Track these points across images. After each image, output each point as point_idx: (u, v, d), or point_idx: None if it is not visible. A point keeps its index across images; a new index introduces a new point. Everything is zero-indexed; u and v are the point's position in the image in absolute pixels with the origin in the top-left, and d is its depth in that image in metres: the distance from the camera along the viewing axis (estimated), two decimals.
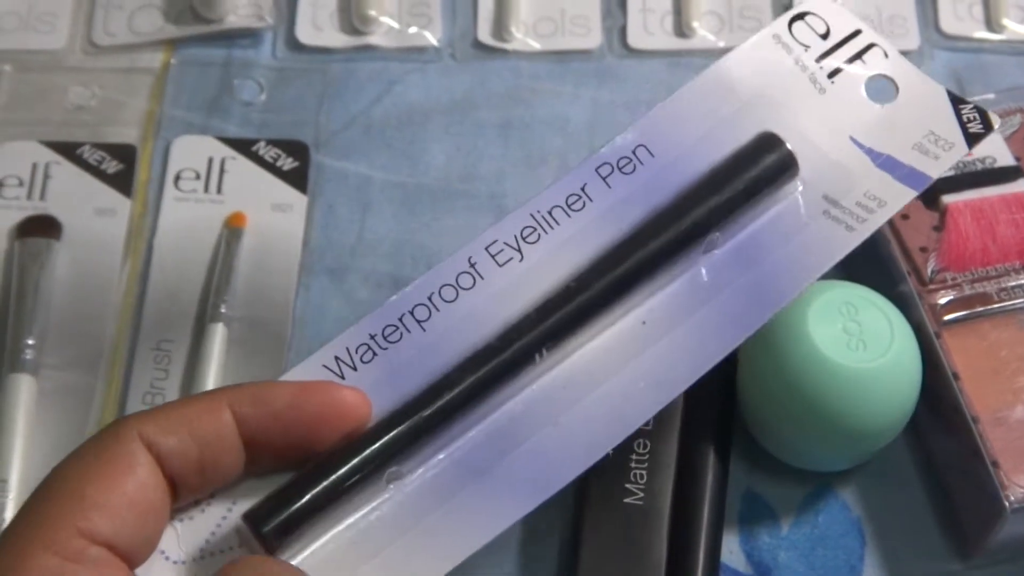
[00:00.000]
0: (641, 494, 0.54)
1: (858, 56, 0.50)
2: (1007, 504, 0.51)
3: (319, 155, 0.66)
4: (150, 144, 0.66)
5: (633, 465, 0.54)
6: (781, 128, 0.48)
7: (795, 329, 0.52)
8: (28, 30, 0.69)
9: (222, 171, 0.65)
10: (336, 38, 0.69)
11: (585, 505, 0.54)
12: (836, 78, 0.49)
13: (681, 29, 0.69)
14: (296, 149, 0.66)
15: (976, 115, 0.49)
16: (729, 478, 0.56)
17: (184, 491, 0.41)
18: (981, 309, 0.56)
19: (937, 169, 0.48)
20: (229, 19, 0.69)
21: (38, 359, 0.59)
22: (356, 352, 0.45)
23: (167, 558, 0.41)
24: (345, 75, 0.69)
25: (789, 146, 0.48)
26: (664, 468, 0.54)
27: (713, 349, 0.46)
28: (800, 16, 0.50)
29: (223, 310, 0.60)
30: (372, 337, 0.45)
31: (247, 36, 0.70)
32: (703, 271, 0.47)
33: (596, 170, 0.47)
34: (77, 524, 0.38)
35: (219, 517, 0.42)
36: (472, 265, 0.46)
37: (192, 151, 0.66)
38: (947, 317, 0.56)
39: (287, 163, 0.65)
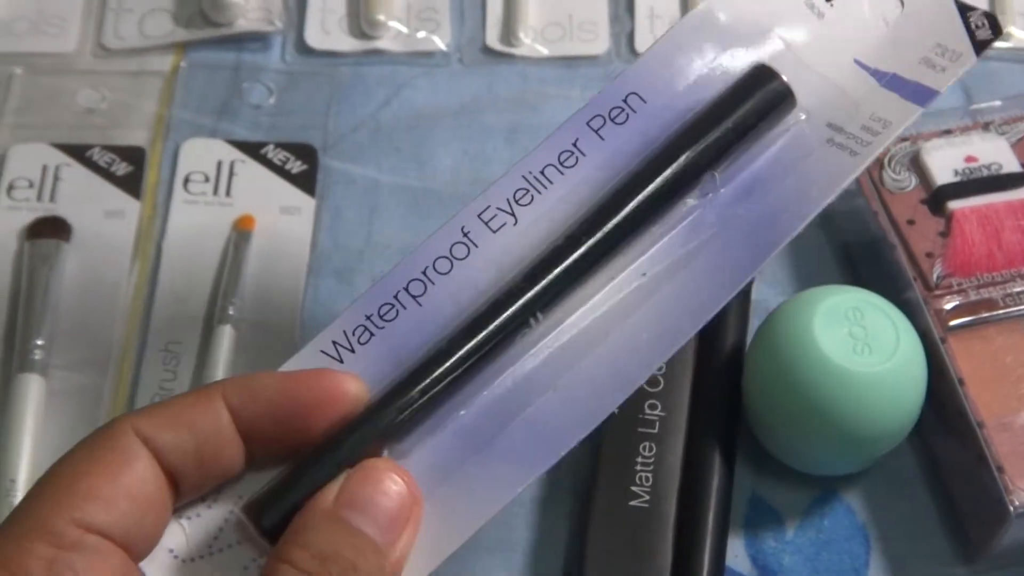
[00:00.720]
0: (646, 497, 0.54)
1: None
2: (1012, 509, 0.52)
3: (327, 158, 0.66)
4: (159, 147, 0.66)
5: (639, 468, 0.54)
6: (779, 58, 0.46)
7: (801, 334, 0.53)
8: (39, 33, 0.70)
9: (231, 174, 0.65)
10: (345, 42, 0.70)
11: (590, 508, 0.54)
12: (835, 0, 0.47)
13: None
14: (305, 152, 0.66)
15: (984, 21, 0.47)
16: (734, 482, 0.56)
17: (185, 486, 0.41)
18: (987, 315, 0.56)
19: (943, 82, 0.46)
20: (239, 23, 0.70)
21: (47, 360, 0.59)
22: (353, 335, 0.43)
23: (175, 556, 0.41)
24: (354, 79, 0.69)
25: (785, 77, 0.45)
26: (669, 471, 0.54)
27: (718, 293, 0.44)
28: None
29: (231, 312, 0.60)
30: (368, 318, 0.43)
31: (257, 40, 0.70)
32: (703, 214, 0.45)
33: (587, 123, 0.45)
34: (72, 515, 0.38)
35: (226, 512, 0.42)
36: (465, 234, 0.44)
37: (201, 154, 0.66)
38: (953, 322, 0.56)
39: (296, 166, 0.65)
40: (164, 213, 0.64)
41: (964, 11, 0.47)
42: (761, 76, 0.46)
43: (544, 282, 0.43)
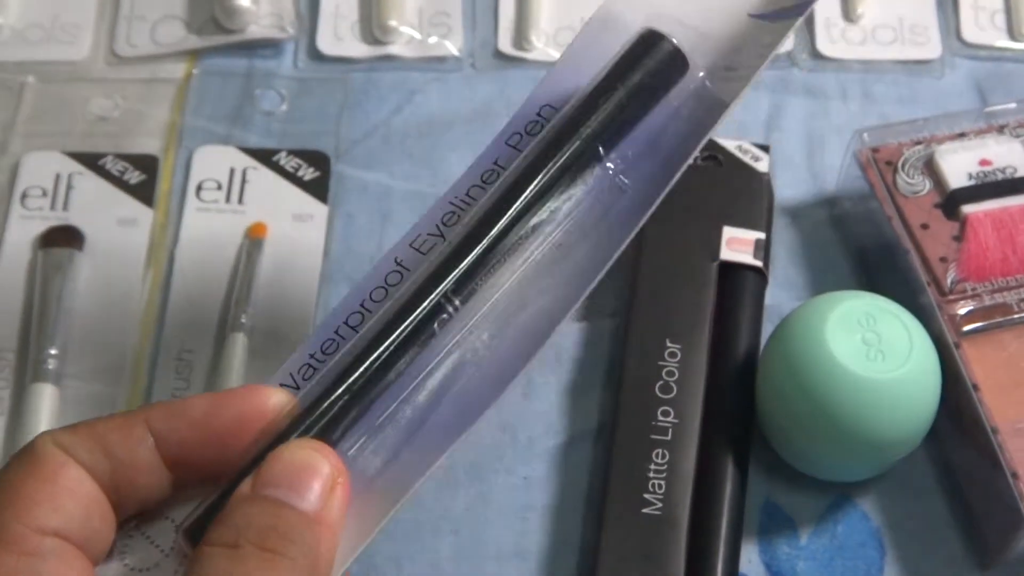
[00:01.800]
0: (659, 504, 0.54)
1: None
2: None
3: (340, 165, 0.66)
4: (172, 154, 0.67)
5: (651, 475, 0.54)
6: (676, 31, 0.46)
7: (814, 340, 0.52)
8: (51, 41, 0.70)
9: (243, 181, 0.65)
10: (357, 48, 0.70)
11: (604, 515, 0.54)
12: None
13: None
14: (317, 159, 0.66)
15: None
16: (748, 488, 0.56)
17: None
18: (1001, 319, 0.56)
19: None
20: (251, 30, 0.70)
21: (61, 369, 0.59)
22: (298, 373, 0.44)
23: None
24: (366, 85, 0.69)
25: (675, 40, 0.46)
26: (682, 478, 0.54)
27: (626, 232, 0.44)
28: None
29: (244, 320, 0.60)
30: (311, 356, 0.44)
31: (269, 47, 0.70)
32: (612, 180, 0.45)
33: (506, 143, 0.46)
34: (23, 521, 0.37)
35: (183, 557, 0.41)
36: (399, 263, 0.45)
37: (214, 161, 0.66)
38: (967, 328, 0.56)
39: (308, 173, 0.65)
40: (177, 221, 0.64)
41: None
42: (648, 40, 0.46)
43: (453, 268, 0.43)
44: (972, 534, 0.56)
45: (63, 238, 0.63)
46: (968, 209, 0.58)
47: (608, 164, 0.45)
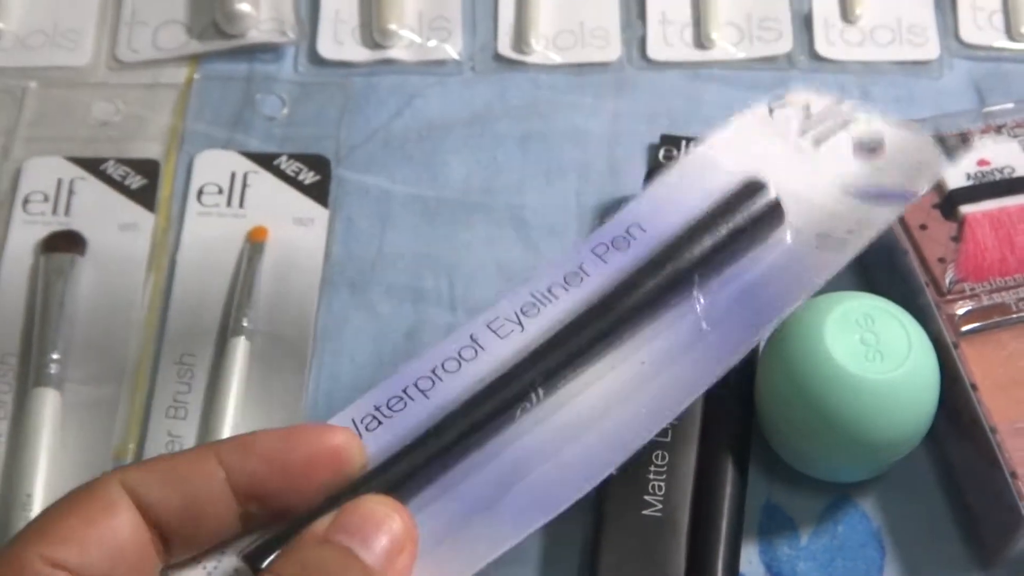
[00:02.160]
0: (659, 505, 0.54)
1: (842, 125, 0.51)
2: None
3: (340, 169, 0.66)
4: (173, 159, 0.67)
5: (651, 477, 0.54)
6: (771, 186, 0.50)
7: (812, 341, 0.52)
8: (53, 47, 0.70)
9: (244, 185, 0.65)
10: (357, 52, 0.70)
11: (603, 517, 0.54)
12: (822, 147, 0.51)
13: (700, 41, 0.69)
14: (317, 163, 0.66)
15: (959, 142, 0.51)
16: (748, 489, 0.56)
17: (175, 541, 0.41)
18: (999, 319, 0.56)
19: (923, 184, 0.49)
20: (251, 34, 0.70)
21: (62, 373, 0.59)
22: (362, 423, 0.45)
23: None
24: (366, 89, 0.69)
25: (774, 194, 0.49)
26: (682, 479, 0.54)
27: (710, 373, 0.46)
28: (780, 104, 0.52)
29: (245, 324, 0.60)
30: (377, 408, 0.45)
31: (269, 51, 0.70)
32: (699, 312, 0.48)
33: (592, 251, 0.49)
34: (42, 552, 0.38)
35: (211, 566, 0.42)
36: (474, 340, 0.47)
37: (215, 166, 0.66)
38: (965, 328, 0.56)
39: (309, 177, 0.66)
40: (178, 225, 0.65)
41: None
42: (751, 188, 0.49)
43: (544, 360, 0.46)
44: (972, 534, 0.56)
45: (65, 243, 0.63)
46: (966, 209, 0.58)
47: (698, 298, 0.48)
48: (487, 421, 0.45)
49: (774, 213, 0.49)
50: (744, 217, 0.49)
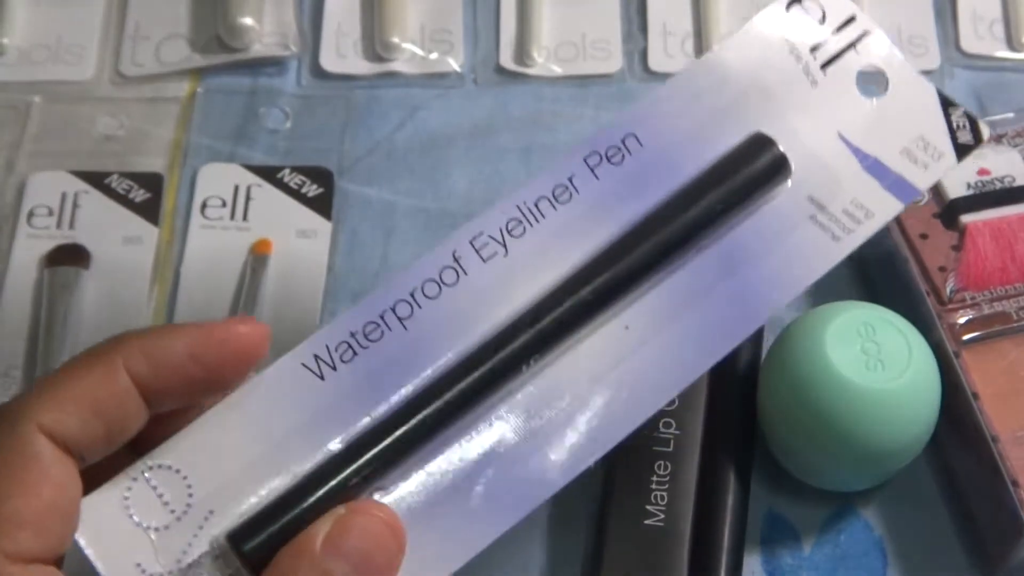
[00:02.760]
0: (662, 516, 0.54)
1: (852, 45, 0.48)
2: None
3: (343, 181, 0.67)
4: (177, 172, 0.67)
5: (654, 487, 0.54)
6: (770, 122, 0.47)
7: (813, 350, 0.53)
8: (57, 61, 0.71)
9: (248, 198, 0.66)
10: (360, 65, 0.70)
11: (606, 527, 0.54)
12: (829, 69, 0.48)
13: (702, 51, 0.70)
14: (320, 176, 0.66)
15: (966, 122, 0.48)
16: (750, 499, 0.56)
17: (92, 458, 0.40)
18: (1000, 328, 0.56)
19: (925, 181, 0.47)
20: (255, 48, 0.70)
21: None
22: (336, 350, 0.43)
23: (144, 571, 0.41)
24: (369, 102, 0.69)
25: (781, 147, 0.47)
26: (685, 489, 0.55)
27: (695, 360, 0.45)
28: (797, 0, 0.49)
29: None
30: (352, 335, 0.43)
31: (272, 64, 0.71)
32: (690, 279, 0.46)
33: (584, 160, 0.46)
34: (6, 549, 0.37)
35: (196, 527, 0.41)
36: (456, 259, 0.45)
37: (218, 179, 0.67)
38: (966, 337, 0.56)
39: (312, 190, 0.66)
40: (182, 238, 0.65)
41: (946, 107, 0.48)
42: (759, 145, 0.47)
43: (537, 329, 0.44)
44: (974, 542, 0.56)
45: (69, 257, 0.63)
46: (967, 218, 0.58)
47: (685, 264, 0.46)
48: (474, 399, 0.43)
49: (780, 169, 0.47)
50: (750, 178, 0.46)
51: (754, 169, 0.46)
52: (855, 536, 0.56)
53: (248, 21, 0.69)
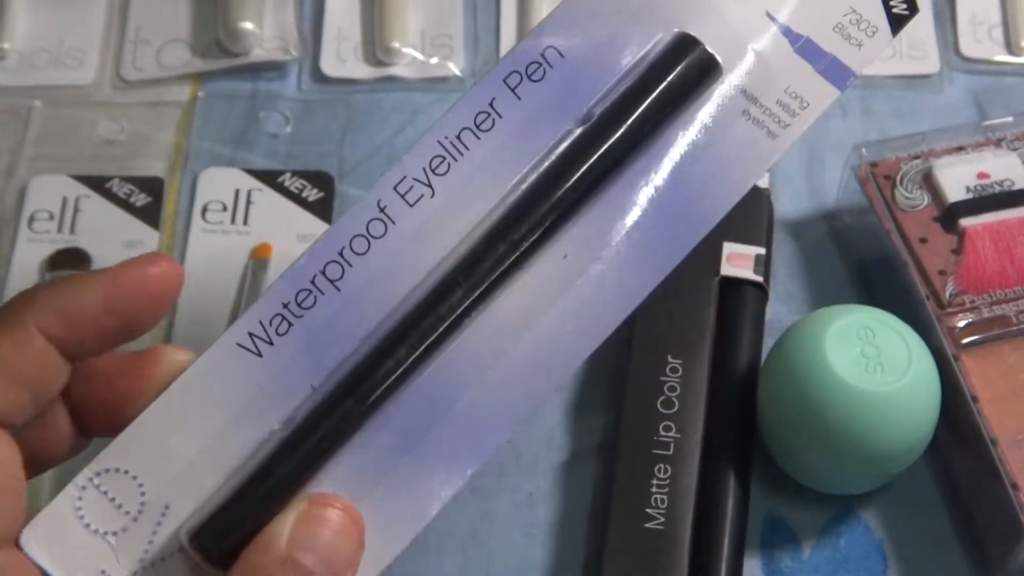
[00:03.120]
0: (662, 519, 0.54)
1: None
2: None
3: (344, 185, 0.67)
4: (178, 177, 0.67)
5: (654, 490, 0.55)
6: (695, 3, 0.44)
7: (813, 353, 0.53)
8: (58, 66, 0.71)
9: (248, 202, 0.66)
10: (360, 70, 0.70)
11: (607, 531, 0.54)
12: None
13: None
14: (321, 180, 0.66)
15: None
16: (750, 502, 0.56)
17: (23, 422, 0.40)
18: (1000, 332, 0.56)
19: (860, 61, 0.45)
20: (255, 52, 0.70)
21: None
22: (271, 325, 0.42)
23: None
24: (369, 106, 0.69)
25: (709, 36, 0.43)
26: (685, 493, 0.55)
27: (638, 285, 0.43)
28: None
29: None
30: (285, 306, 0.42)
31: (273, 69, 0.71)
32: (626, 195, 0.43)
33: (504, 81, 0.43)
34: None
35: (154, 524, 0.41)
36: (382, 209, 0.42)
37: (219, 183, 0.67)
38: (966, 340, 0.56)
39: (312, 194, 0.66)
40: (183, 243, 0.65)
41: None
42: (684, 46, 0.44)
43: (474, 277, 0.42)
44: (975, 545, 0.56)
45: (70, 261, 0.63)
46: (966, 222, 0.58)
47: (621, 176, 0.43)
48: (420, 355, 0.41)
49: (709, 72, 0.43)
50: (679, 86, 0.43)
51: (682, 75, 0.43)
52: (855, 539, 0.57)
53: (249, 26, 0.69)
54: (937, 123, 0.66)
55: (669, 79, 0.43)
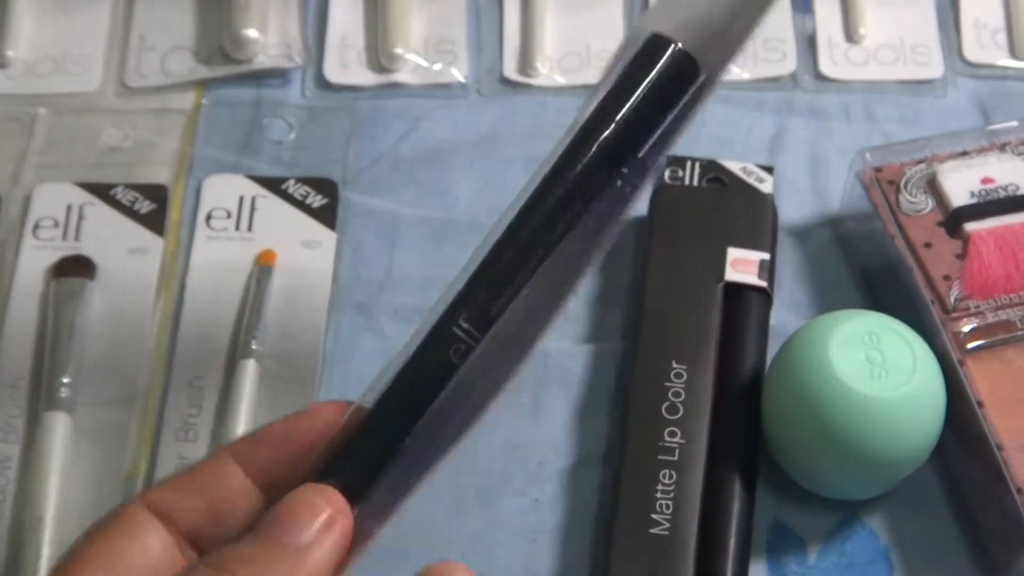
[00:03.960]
0: (667, 524, 0.54)
1: None
2: None
3: (347, 192, 0.67)
4: (182, 184, 0.67)
5: (659, 496, 0.55)
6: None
7: (818, 359, 0.53)
8: (62, 73, 0.71)
9: (252, 209, 0.66)
10: (364, 76, 0.70)
11: (612, 536, 0.54)
12: None
13: None
14: (325, 186, 0.66)
15: None
16: (756, 507, 0.56)
17: (207, 544, 0.42)
18: (1005, 336, 0.56)
19: None
20: (259, 59, 0.70)
21: (74, 397, 0.60)
22: None
23: None
24: (373, 112, 0.70)
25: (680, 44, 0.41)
26: (690, 498, 0.55)
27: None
28: None
29: (254, 346, 0.61)
30: None
31: (277, 76, 0.71)
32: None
33: None
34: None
35: None
36: None
37: (223, 190, 0.67)
38: (971, 345, 0.56)
39: (316, 200, 0.66)
40: (187, 249, 0.65)
41: None
42: (657, 47, 0.42)
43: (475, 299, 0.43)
44: (980, 549, 0.56)
45: (75, 268, 0.63)
46: (971, 227, 0.58)
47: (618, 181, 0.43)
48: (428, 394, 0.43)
49: (687, 68, 0.41)
50: (658, 88, 0.42)
51: (659, 79, 0.42)
52: (861, 544, 0.56)
53: (252, 33, 0.70)
54: (941, 128, 0.66)
55: (648, 87, 0.42)
